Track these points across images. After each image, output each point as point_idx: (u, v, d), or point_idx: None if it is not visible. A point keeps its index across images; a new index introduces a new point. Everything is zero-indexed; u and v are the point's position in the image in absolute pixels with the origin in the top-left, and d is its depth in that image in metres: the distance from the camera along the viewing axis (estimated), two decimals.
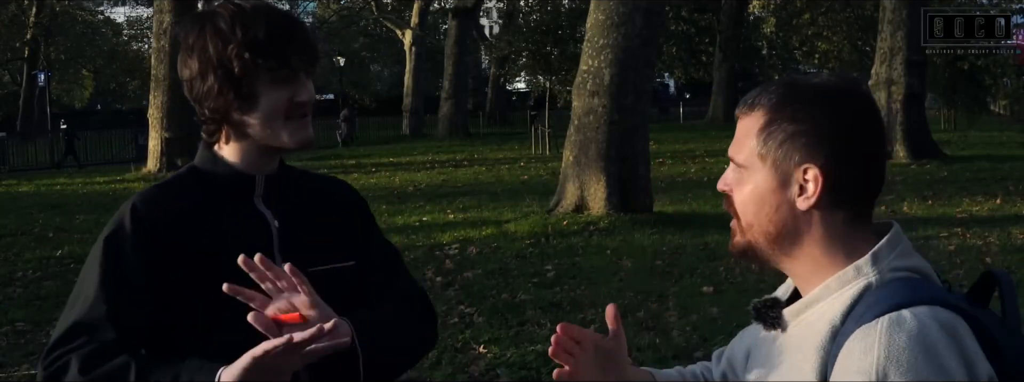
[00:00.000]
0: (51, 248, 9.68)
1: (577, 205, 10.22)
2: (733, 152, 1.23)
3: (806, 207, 1.16)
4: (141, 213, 1.52)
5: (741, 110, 1.22)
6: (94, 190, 16.59)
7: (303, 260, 1.54)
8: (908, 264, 1.15)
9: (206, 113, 1.53)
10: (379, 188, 15.17)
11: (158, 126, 19.02)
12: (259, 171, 1.59)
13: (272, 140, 1.54)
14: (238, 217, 1.58)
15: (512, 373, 5.05)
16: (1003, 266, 7.40)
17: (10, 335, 6.27)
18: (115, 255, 1.50)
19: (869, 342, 1.05)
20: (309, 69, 1.55)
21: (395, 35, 35.70)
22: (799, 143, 1.15)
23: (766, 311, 1.24)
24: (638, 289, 6.88)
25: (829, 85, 1.18)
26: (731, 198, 1.23)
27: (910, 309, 1.07)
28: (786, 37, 34.12)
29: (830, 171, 1.14)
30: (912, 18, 16.04)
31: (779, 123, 1.17)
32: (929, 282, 1.16)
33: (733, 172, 1.23)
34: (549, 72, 21.99)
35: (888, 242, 1.16)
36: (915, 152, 16.30)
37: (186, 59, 1.54)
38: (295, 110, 1.53)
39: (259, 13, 1.51)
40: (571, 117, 10.60)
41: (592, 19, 10.41)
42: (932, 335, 1.04)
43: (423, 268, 8.04)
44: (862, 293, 1.12)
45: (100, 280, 1.49)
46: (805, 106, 1.16)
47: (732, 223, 1.24)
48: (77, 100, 52.82)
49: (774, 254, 1.20)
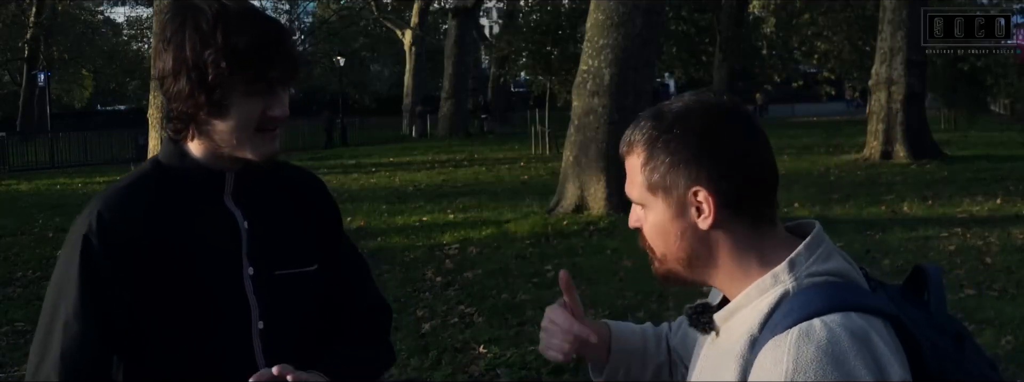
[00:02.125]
0: (51, 248, 9.67)
1: (577, 205, 10.22)
2: (628, 191, 1.27)
3: (707, 226, 1.19)
4: (107, 223, 1.44)
5: (623, 150, 1.27)
6: (94, 190, 16.58)
7: (270, 264, 1.53)
8: (826, 268, 1.16)
9: (173, 112, 1.47)
10: (379, 188, 15.17)
11: (158, 126, 18.99)
12: (228, 167, 1.52)
13: (235, 151, 1.47)
14: (206, 217, 1.51)
15: (512, 373, 5.05)
16: (1003, 266, 7.40)
17: (10, 335, 6.27)
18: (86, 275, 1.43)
19: (778, 354, 1.07)
20: (287, 83, 1.48)
21: (395, 35, 35.71)
22: (680, 171, 1.19)
23: (697, 316, 1.27)
24: (638, 289, 6.87)
25: (691, 107, 1.21)
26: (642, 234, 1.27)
27: (822, 318, 1.08)
28: (786, 37, 34.10)
29: (718, 187, 1.17)
30: (912, 18, 16.03)
31: (657, 156, 1.21)
32: (849, 286, 1.15)
33: (636, 210, 1.28)
34: (549, 72, 21.98)
35: (806, 247, 1.18)
36: (915, 152, 16.30)
37: (160, 53, 1.46)
38: (266, 123, 1.46)
39: (244, 18, 1.43)
40: (571, 117, 10.60)
41: (592, 19, 10.41)
42: (841, 345, 1.05)
43: (423, 268, 8.04)
44: (779, 301, 1.14)
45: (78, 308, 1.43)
46: (673, 135, 1.19)
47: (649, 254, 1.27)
48: (77, 100, 52.81)
49: (694, 276, 1.24)
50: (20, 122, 36.38)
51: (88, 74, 47.46)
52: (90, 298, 1.43)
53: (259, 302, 1.51)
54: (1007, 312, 5.93)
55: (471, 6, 31.14)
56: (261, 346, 1.51)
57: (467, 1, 30.72)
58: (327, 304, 1.63)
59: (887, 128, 16.58)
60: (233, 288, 1.50)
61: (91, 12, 45.49)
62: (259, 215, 1.55)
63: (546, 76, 22.30)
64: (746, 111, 1.23)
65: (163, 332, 1.47)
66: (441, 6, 39.48)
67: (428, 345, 5.60)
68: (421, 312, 6.45)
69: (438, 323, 6.14)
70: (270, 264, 1.53)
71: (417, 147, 25.20)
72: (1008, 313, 5.91)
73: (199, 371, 1.48)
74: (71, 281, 1.44)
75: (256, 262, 1.51)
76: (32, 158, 24.19)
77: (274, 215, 1.57)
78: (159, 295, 1.45)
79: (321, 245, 1.62)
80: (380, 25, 40.43)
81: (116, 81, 46.37)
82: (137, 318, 1.45)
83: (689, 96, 1.23)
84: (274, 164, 1.62)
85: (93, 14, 45.98)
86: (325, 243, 1.64)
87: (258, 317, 1.51)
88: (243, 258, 1.51)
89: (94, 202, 1.48)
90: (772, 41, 35.76)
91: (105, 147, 25.23)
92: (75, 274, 1.43)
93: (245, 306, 1.50)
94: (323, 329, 1.62)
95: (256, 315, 1.51)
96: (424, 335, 5.84)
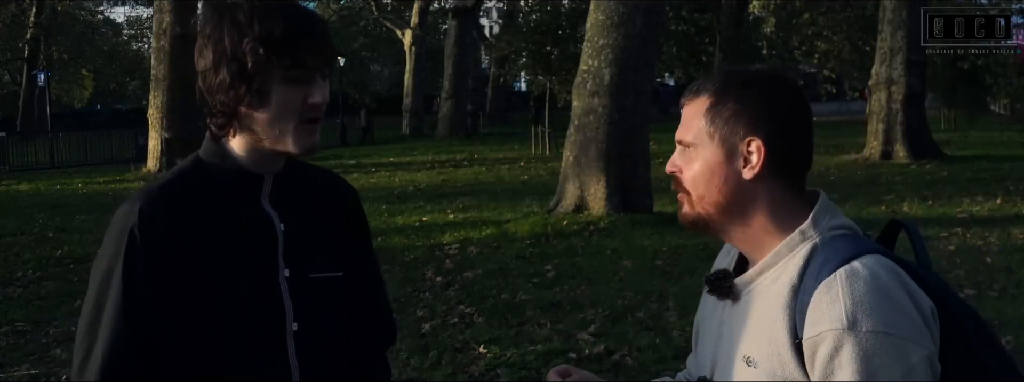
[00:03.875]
0: (51, 248, 9.68)
1: (577, 205, 10.22)
2: (681, 134, 1.38)
3: (751, 176, 1.31)
4: (149, 218, 1.46)
5: (686, 98, 1.38)
6: (94, 190, 16.59)
7: (305, 266, 1.56)
8: (841, 223, 1.31)
9: (216, 106, 1.49)
10: (379, 188, 15.17)
11: (158, 126, 19.01)
12: (267, 170, 1.55)
13: (277, 144, 1.49)
14: (244, 218, 1.53)
15: (512, 373, 5.05)
16: (1003, 266, 7.41)
17: (10, 335, 6.27)
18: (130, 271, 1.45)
19: (834, 293, 1.20)
20: (325, 70, 1.49)
21: (395, 35, 35.71)
22: (742, 120, 1.31)
23: (719, 282, 1.37)
24: (638, 289, 6.87)
25: (764, 72, 1.36)
26: (679, 178, 1.38)
27: (858, 260, 1.23)
28: (786, 37, 34.12)
29: (771, 143, 1.30)
30: (912, 18, 16.04)
31: (724, 103, 1.33)
32: (860, 236, 1.32)
33: (680, 154, 1.39)
34: (549, 72, 21.98)
35: (821, 206, 1.32)
36: (915, 152, 16.30)
37: (202, 49, 1.50)
38: (308, 111, 1.48)
39: (279, 8, 1.47)
40: (571, 117, 10.60)
41: (592, 19, 10.40)
42: (883, 279, 1.21)
43: (423, 268, 8.04)
44: (811, 253, 1.28)
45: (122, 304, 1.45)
46: (744, 89, 1.33)
47: (680, 195, 1.39)
48: (77, 100, 52.82)
49: (725, 223, 1.35)
50: (20, 122, 36.40)
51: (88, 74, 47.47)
52: (133, 296, 1.45)
53: (294, 304, 1.53)
54: (1007, 312, 5.94)
55: (471, 6, 31.14)
56: (295, 347, 1.53)
57: (467, 1, 30.72)
58: (347, 308, 1.66)
59: (887, 128, 16.58)
60: (269, 289, 1.52)
61: (91, 12, 45.51)
62: (295, 218, 1.57)
63: (546, 76, 22.29)
64: (803, 90, 1.37)
65: (199, 331, 1.49)
66: (441, 6, 39.50)
67: (428, 345, 5.60)
68: (421, 312, 6.45)
69: (438, 323, 6.14)
70: (304, 267, 1.55)
71: (417, 147, 25.20)
72: (1008, 313, 5.91)
73: (234, 371, 1.50)
74: (115, 276, 1.45)
75: (292, 264, 1.53)
76: (32, 158, 24.19)
77: (309, 219, 1.60)
78: (197, 294, 1.47)
79: (348, 253, 1.65)
80: (380, 25, 40.43)
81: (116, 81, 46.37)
82: (175, 316, 1.47)
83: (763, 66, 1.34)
84: (312, 169, 1.67)
85: (93, 14, 46.00)
86: (352, 253, 1.66)
87: (292, 319, 1.53)
88: (279, 260, 1.53)
89: (136, 197, 1.50)
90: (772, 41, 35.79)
91: (105, 147, 25.22)
92: (120, 269, 1.45)
93: (280, 307, 1.52)
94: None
95: (291, 317, 1.53)
96: (424, 335, 5.84)
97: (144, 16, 45.45)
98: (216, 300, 1.47)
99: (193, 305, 1.47)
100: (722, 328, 1.36)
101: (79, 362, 1.47)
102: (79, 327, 1.49)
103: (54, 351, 5.81)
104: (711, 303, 1.41)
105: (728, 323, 1.35)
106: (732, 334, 1.33)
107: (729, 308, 1.36)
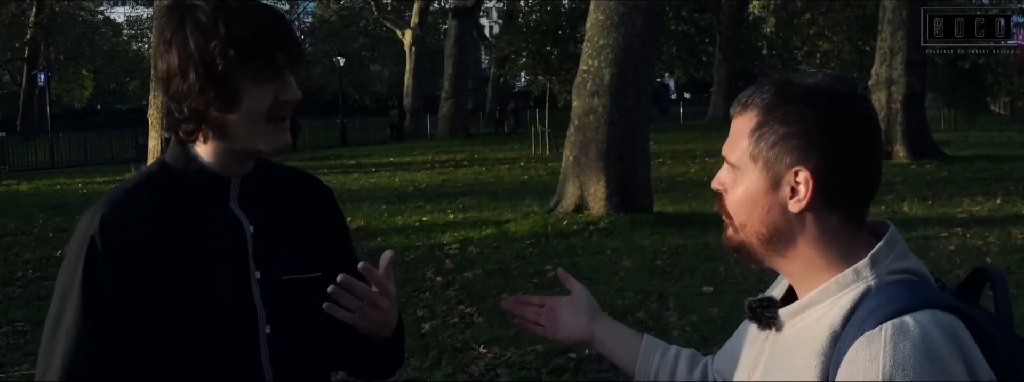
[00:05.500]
0: (51, 248, 9.68)
1: (577, 205, 10.22)
2: (727, 151, 1.22)
3: (797, 210, 1.15)
4: (112, 225, 1.43)
5: (735, 109, 1.21)
6: (94, 190, 16.59)
7: (278, 268, 1.53)
8: (905, 266, 1.15)
9: (185, 111, 1.45)
10: (379, 188, 15.17)
11: (158, 126, 18.92)
12: (234, 172, 1.51)
13: (249, 144, 1.46)
14: (212, 221, 1.50)
15: (512, 373, 5.05)
16: (1003, 266, 7.40)
17: (10, 335, 6.27)
18: (90, 278, 1.42)
19: (874, 350, 1.05)
20: (293, 67, 1.47)
21: (395, 35, 35.70)
22: (790, 145, 1.14)
23: (762, 310, 1.23)
24: (638, 289, 6.88)
25: (822, 86, 1.16)
26: (723, 198, 1.23)
27: (912, 315, 1.06)
28: (786, 37, 34.10)
29: (822, 174, 1.13)
30: (912, 18, 16.04)
31: (771, 124, 1.16)
32: (926, 283, 1.15)
33: (727, 172, 1.23)
34: (549, 72, 21.98)
35: (886, 244, 1.15)
36: (915, 152, 16.30)
37: (164, 54, 1.45)
38: (278, 110, 1.45)
39: (243, 8, 1.43)
40: (571, 117, 10.60)
41: (592, 19, 10.40)
42: (936, 341, 1.04)
43: (423, 268, 8.04)
44: (861, 297, 1.12)
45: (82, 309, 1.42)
46: (797, 107, 1.15)
47: (724, 217, 1.24)
48: (77, 100, 52.82)
49: (767, 254, 1.20)
50: (20, 122, 36.40)
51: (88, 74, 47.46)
52: (94, 301, 1.42)
53: (266, 306, 1.50)
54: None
55: (471, 6, 31.14)
56: (268, 350, 1.50)
57: (467, 1, 30.71)
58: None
59: (887, 128, 16.57)
60: (240, 292, 1.49)
61: (91, 12, 45.48)
62: (265, 220, 1.54)
63: (546, 76, 22.30)
64: (871, 104, 1.19)
65: (169, 336, 1.46)
66: (441, 6, 39.50)
67: (428, 345, 5.60)
68: (421, 312, 6.45)
69: (438, 323, 6.14)
70: (276, 269, 1.52)
71: (417, 147, 25.20)
72: None
73: (206, 374, 1.47)
74: (75, 284, 1.43)
75: (263, 266, 1.50)
76: (32, 158, 24.20)
77: (280, 221, 1.57)
78: (165, 299, 1.44)
79: (326, 254, 1.62)
80: (380, 25, 40.41)
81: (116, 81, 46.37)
82: (142, 322, 1.44)
83: (822, 74, 1.19)
84: (284, 170, 1.63)
85: (93, 14, 45.98)
86: (330, 252, 1.63)
87: (265, 322, 1.50)
88: (250, 262, 1.50)
89: (99, 204, 1.47)
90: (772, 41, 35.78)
91: (105, 147, 25.25)
92: (79, 277, 1.42)
93: (252, 310, 1.50)
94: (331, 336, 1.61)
95: (263, 319, 1.50)
96: (424, 335, 5.84)
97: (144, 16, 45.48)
98: (186, 303, 1.44)
99: (162, 309, 1.44)
100: (760, 358, 1.25)
101: (41, 371, 1.45)
102: (43, 333, 1.47)
103: None
104: (756, 326, 1.28)
105: (767, 355, 1.23)
106: (766, 368, 1.22)
107: (772, 337, 1.23)
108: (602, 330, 1.59)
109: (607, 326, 1.60)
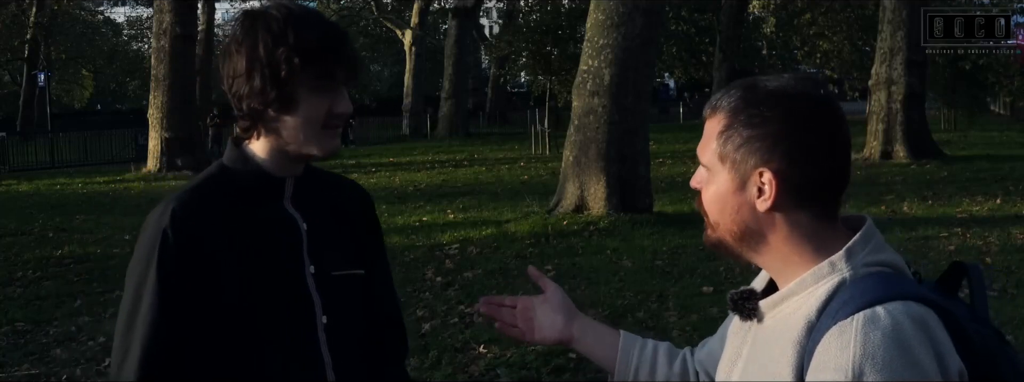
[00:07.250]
0: (51, 248, 9.68)
1: (577, 205, 10.22)
2: (699, 152, 1.26)
3: (764, 209, 1.19)
4: (181, 220, 1.52)
5: (706, 112, 1.26)
6: (94, 190, 16.59)
7: (328, 264, 1.63)
8: (880, 259, 1.18)
9: (244, 110, 1.55)
10: (379, 188, 15.17)
11: (158, 126, 19.03)
12: (288, 173, 1.62)
13: (302, 147, 1.56)
14: (269, 218, 1.61)
15: (512, 373, 5.05)
16: (1003, 266, 7.41)
17: (10, 335, 6.27)
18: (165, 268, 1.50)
19: (845, 339, 1.08)
20: (350, 82, 1.58)
21: (395, 35, 35.68)
22: (754, 147, 1.18)
23: (743, 302, 1.27)
24: (638, 289, 6.88)
25: (786, 88, 1.20)
26: (700, 196, 1.27)
27: (884, 305, 1.09)
28: (786, 37, 34.11)
29: (786, 174, 1.17)
30: (912, 18, 16.04)
31: (736, 127, 1.20)
32: (901, 276, 1.18)
33: (701, 171, 1.27)
34: (549, 72, 21.99)
35: (862, 237, 1.18)
36: (915, 152, 16.30)
37: (232, 55, 1.55)
38: (332, 120, 1.56)
39: (311, 20, 1.53)
40: (571, 117, 10.60)
41: (592, 19, 10.40)
42: (906, 331, 1.07)
43: (423, 268, 8.05)
44: (836, 289, 1.15)
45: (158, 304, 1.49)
46: (760, 110, 1.18)
47: (703, 215, 1.28)
48: (77, 100, 52.82)
49: (742, 251, 1.24)
50: (20, 122, 36.41)
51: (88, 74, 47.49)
52: (170, 291, 1.50)
53: (322, 298, 1.60)
54: (1007, 312, 5.94)
55: (471, 6, 31.13)
56: (326, 339, 1.60)
57: (467, 1, 30.71)
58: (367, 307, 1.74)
59: (887, 128, 16.59)
60: (297, 285, 1.59)
61: (91, 12, 45.53)
62: (315, 219, 1.65)
63: (546, 76, 22.30)
64: (837, 105, 1.22)
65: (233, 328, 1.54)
66: (441, 6, 39.47)
67: (428, 345, 5.60)
68: (421, 312, 6.45)
69: (438, 323, 6.14)
70: (328, 264, 1.63)
71: (417, 147, 25.20)
72: (1008, 313, 5.91)
73: (268, 366, 1.55)
74: (151, 274, 1.50)
75: (316, 262, 1.61)
76: (32, 158, 24.20)
77: (327, 221, 1.67)
78: (229, 292, 1.53)
79: (365, 249, 1.74)
80: (380, 25, 40.42)
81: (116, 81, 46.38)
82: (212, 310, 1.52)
83: (789, 77, 1.22)
84: (329, 175, 1.75)
85: (93, 14, 46.02)
86: (368, 252, 1.74)
87: (322, 312, 1.60)
88: (304, 257, 1.60)
89: (168, 200, 1.56)
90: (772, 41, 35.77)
91: (105, 147, 25.24)
92: (155, 267, 1.50)
93: (309, 302, 1.59)
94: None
95: (320, 310, 1.60)
96: (424, 335, 5.85)
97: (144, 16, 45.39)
98: (248, 297, 1.53)
99: (226, 303, 1.53)
100: (743, 349, 1.28)
101: (117, 362, 1.52)
102: (117, 328, 1.54)
103: (54, 351, 5.81)
104: (739, 318, 1.32)
105: (749, 346, 1.27)
106: (748, 359, 1.26)
107: (754, 329, 1.27)
108: (580, 329, 1.64)
109: (584, 324, 1.64)
